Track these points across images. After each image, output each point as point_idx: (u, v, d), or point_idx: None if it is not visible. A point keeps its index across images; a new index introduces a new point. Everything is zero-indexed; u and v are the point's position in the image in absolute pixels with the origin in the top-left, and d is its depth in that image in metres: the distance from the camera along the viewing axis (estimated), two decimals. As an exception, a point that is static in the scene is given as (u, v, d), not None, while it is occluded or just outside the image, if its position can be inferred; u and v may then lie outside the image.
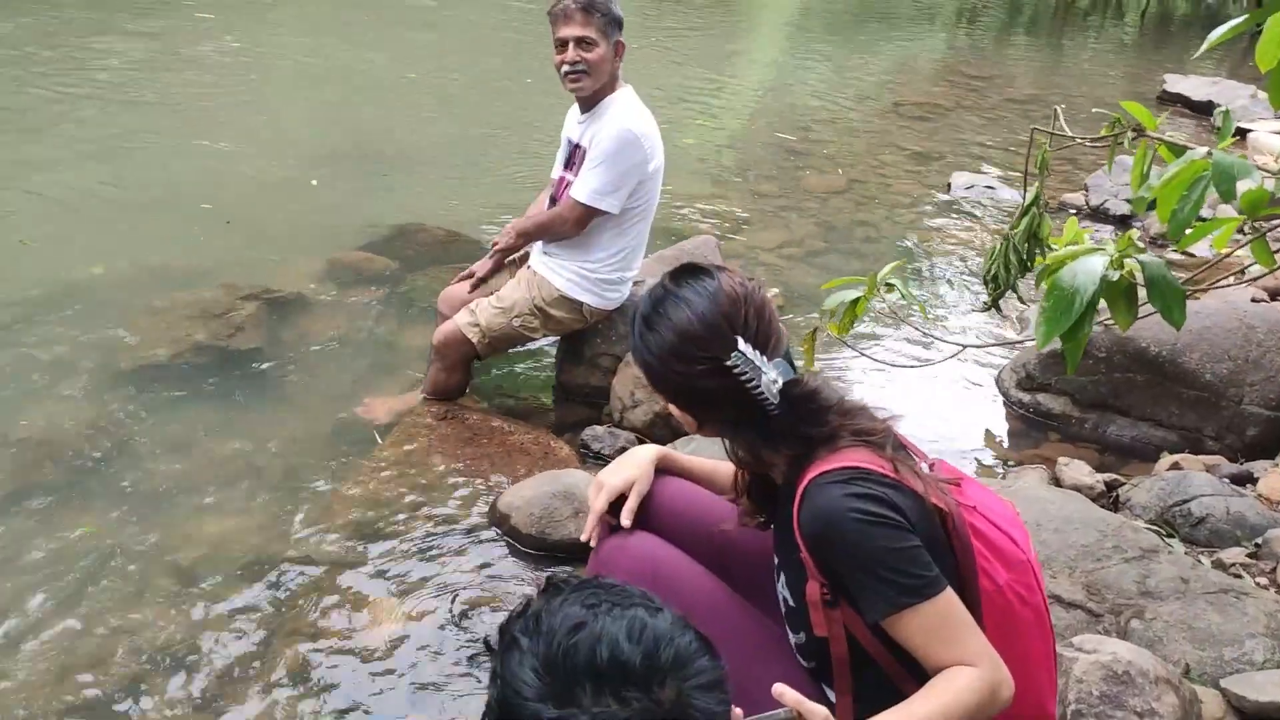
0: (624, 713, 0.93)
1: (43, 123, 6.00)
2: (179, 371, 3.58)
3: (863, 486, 1.44)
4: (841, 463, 1.48)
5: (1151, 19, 15.63)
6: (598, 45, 3.14)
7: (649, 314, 1.62)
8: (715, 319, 1.56)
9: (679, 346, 1.57)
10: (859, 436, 1.52)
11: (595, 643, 0.95)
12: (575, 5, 3.12)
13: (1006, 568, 1.50)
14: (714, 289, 1.59)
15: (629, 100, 3.26)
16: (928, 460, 1.59)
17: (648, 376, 1.69)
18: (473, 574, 2.71)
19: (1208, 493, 2.94)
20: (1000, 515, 1.56)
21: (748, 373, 1.54)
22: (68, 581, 2.59)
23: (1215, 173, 2.12)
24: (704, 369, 1.56)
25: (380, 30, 9.38)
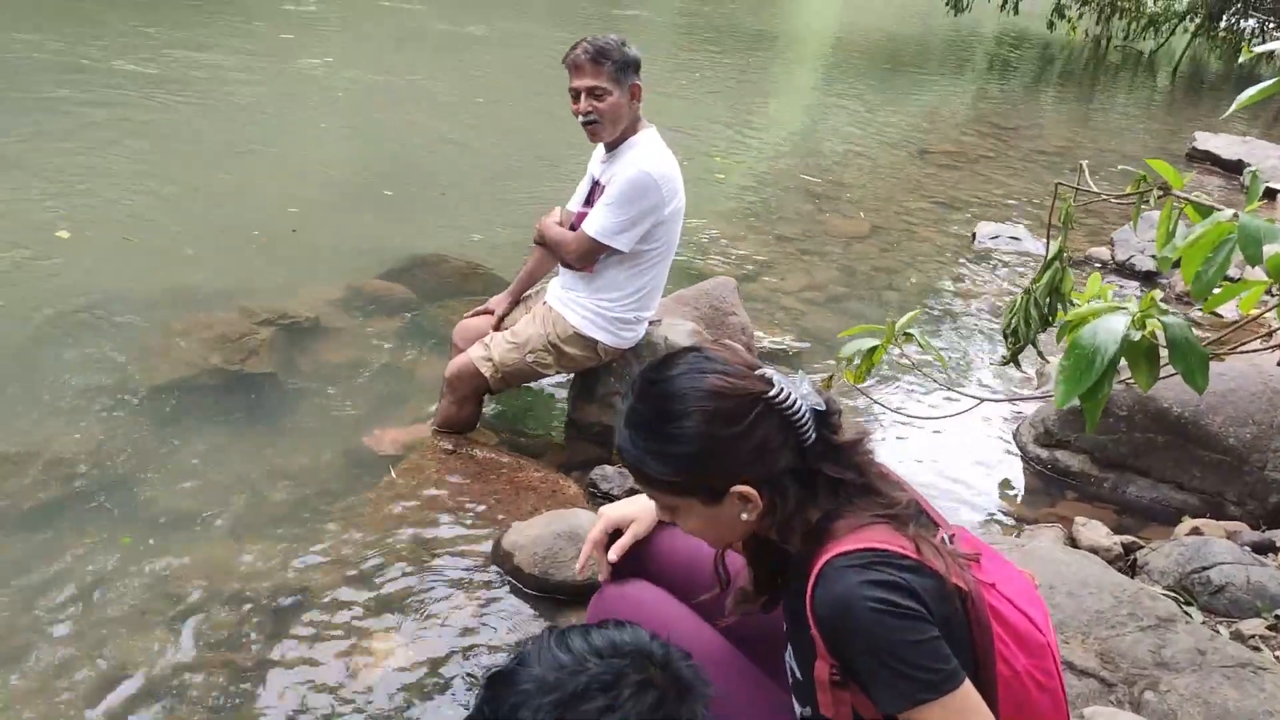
0: None
1: (83, 138, 6.07)
2: (191, 394, 3.57)
3: (882, 573, 1.36)
4: (861, 543, 1.40)
5: (1183, 76, 15.62)
6: (610, 94, 3.14)
7: (657, 414, 1.47)
8: (733, 366, 1.49)
9: (721, 409, 1.44)
10: (882, 510, 1.46)
11: None
12: (585, 56, 3.12)
13: (1025, 652, 1.44)
14: (696, 353, 1.52)
15: (650, 142, 3.25)
16: (949, 529, 1.52)
17: (686, 472, 1.47)
18: (473, 611, 2.67)
19: (1228, 560, 2.87)
20: (1019, 593, 1.49)
21: (790, 395, 1.46)
22: (63, 601, 2.57)
23: (1242, 236, 2.08)
24: (755, 415, 1.44)
25: (429, 59, 9.49)
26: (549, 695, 1.15)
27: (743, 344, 4.06)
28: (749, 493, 1.46)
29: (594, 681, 1.16)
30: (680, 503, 1.52)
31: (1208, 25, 16.80)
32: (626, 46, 3.18)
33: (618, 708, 1.15)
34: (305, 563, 2.79)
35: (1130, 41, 17.70)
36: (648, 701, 1.16)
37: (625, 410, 1.52)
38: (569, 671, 1.17)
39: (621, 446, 1.53)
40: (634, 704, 1.15)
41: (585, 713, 1.13)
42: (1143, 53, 17.30)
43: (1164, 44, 17.29)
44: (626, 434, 1.51)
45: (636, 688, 1.17)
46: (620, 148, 3.25)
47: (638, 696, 1.16)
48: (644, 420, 1.49)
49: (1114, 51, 17.38)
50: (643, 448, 1.49)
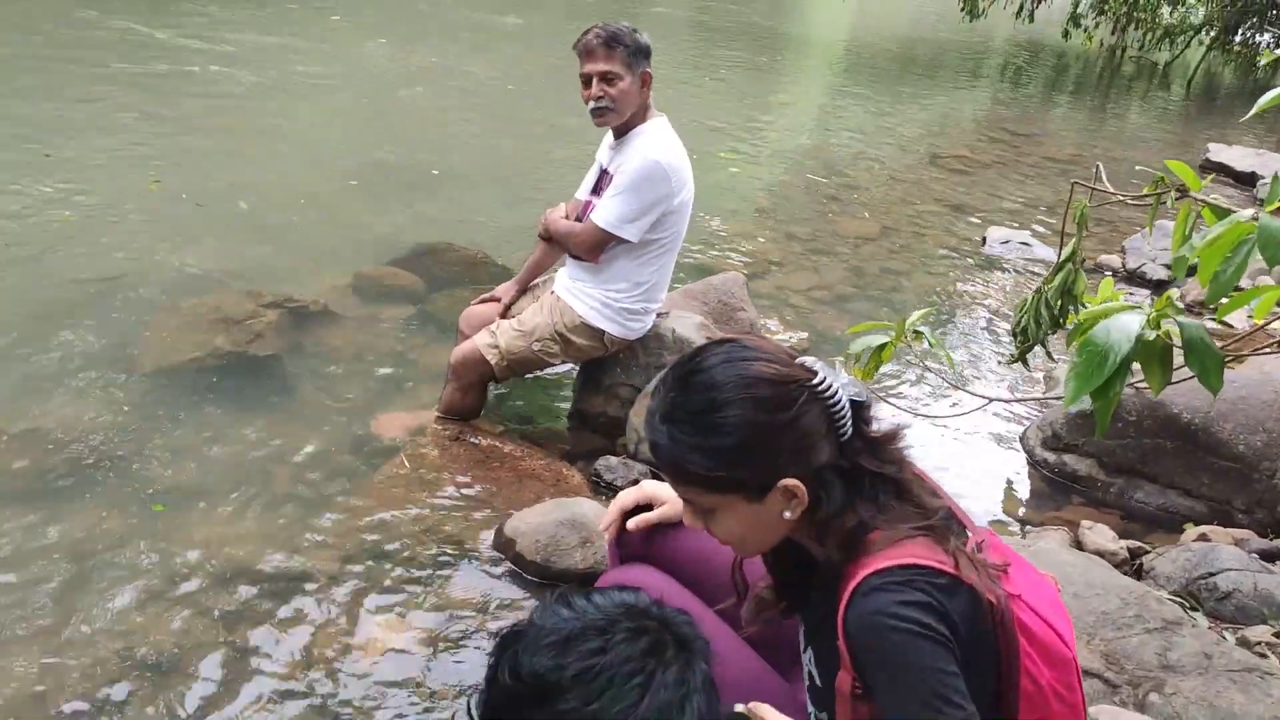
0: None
1: (101, 116, 6.07)
2: (196, 375, 3.56)
3: (918, 594, 1.32)
4: (899, 559, 1.36)
5: (1197, 89, 15.57)
6: (622, 79, 3.12)
7: (700, 405, 1.40)
8: (774, 353, 1.44)
9: (768, 396, 1.39)
10: (920, 520, 1.41)
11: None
12: (598, 40, 3.11)
13: (1049, 666, 1.41)
14: (733, 343, 1.46)
15: (660, 130, 3.24)
16: (978, 535, 1.48)
17: (732, 464, 1.40)
18: (474, 599, 2.65)
19: (1235, 567, 2.84)
20: (1047, 604, 1.46)
21: (831, 384, 1.41)
22: (66, 580, 2.56)
23: (1262, 236, 2.05)
24: (801, 403, 1.39)
25: (464, 48, 9.48)
26: (548, 638, 1.20)
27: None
28: (796, 486, 1.40)
29: (589, 626, 1.21)
30: (721, 501, 1.44)
31: (1223, 39, 16.74)
32: (638, 34, 3.17)
33: (609, 649, 1.19)
34: (307, 546, 2.78)
35: (1145, 52, 17.66)
36: (640, 646, 1.21)
37: (659, 405, 1.45)
38: (567, 619, 1.23)
39: (657, 443, 1.44)
40: (625, 646, 1.19)
41: (579, 652, 1.18)
42: (1157, 64, 17.26)
43: (1179, 56, 17.24)
44: (664, 429, 1.43)
45: (629, 633, 1.22)
46: (629, 135, 3.23)
47: (630, 641, 1.20)
48: (683, 412, 1.41)
49: (1129, 62, 17.34)
50: (683, 442, 1.41)
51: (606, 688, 1.17)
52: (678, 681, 1.20)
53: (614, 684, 1.17)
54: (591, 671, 1.17)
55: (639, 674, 1.18)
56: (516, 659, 1.22)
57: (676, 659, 1.22)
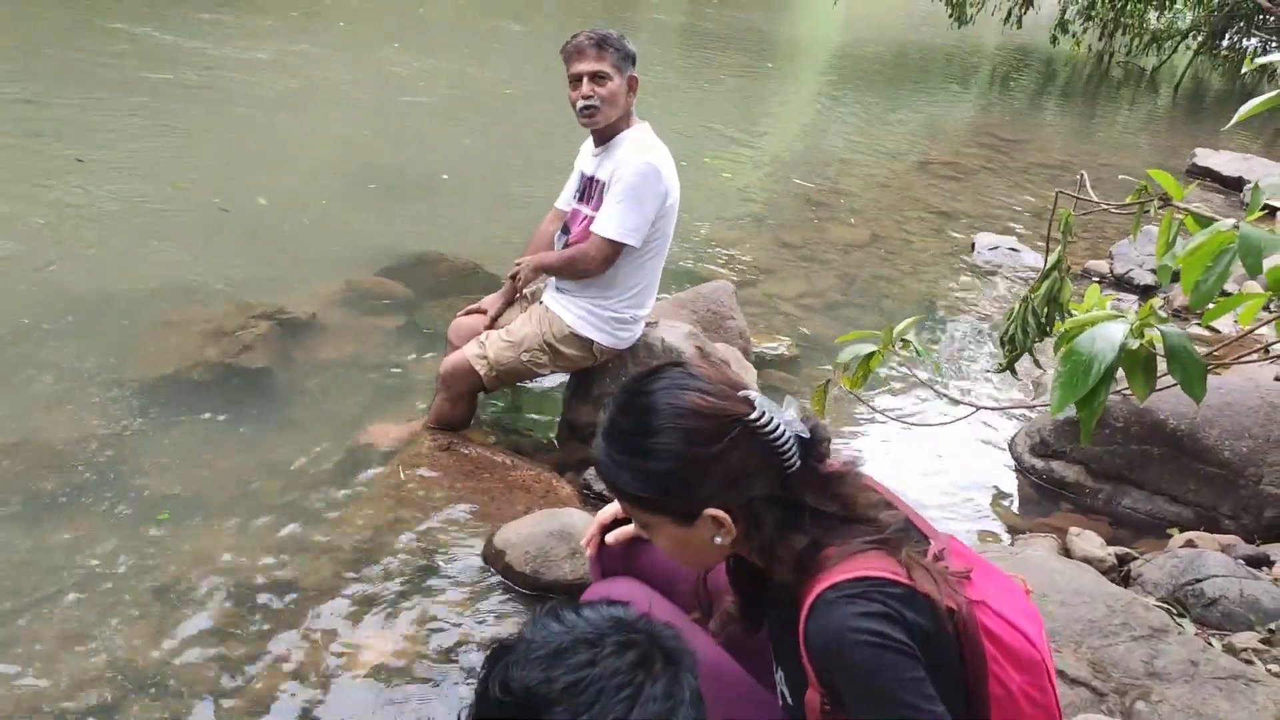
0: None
1: (91, 124, 6.06)
2: (185, 387, 3.56)
3: (874, 604, 1.34)
4: (853, 572, 1.38)
5: (1185, 94, 15.65)
6: (611, 79, 3.14)
7: (634, 428, 1.45)
8: (715, 385, 1.45)
9: (698, 428, 1.42)
10: (873, 533, 1.43)
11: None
12: (588, 41, 3.14)
13: (1019, 670, 1.42)
14: (680, 369, 1.48)
15: (645, 134, 3.25)
16: (940, 543, 1.49)
17: (659, 489, 1.44)
18: (463, 610, 2.66)
19: (1222, 574, 2.86)
20: (1013, 608, 1.47)
21: (772, 420, 1.43)
22: (55, 593, 2.55)
23: (1242, 245, 2.07)
24: (733, 437, 1.41)
25: (462, 53, 9.49)
26: (537, 653, 1.22)
27: (740, 348, 4.05)
28: (721, 517, 1.44)
29: (579, 639, 1.22)
30: (652, 520, 1.50)
31: (1210, 44, 16.83)
32: (625, 39, 3.19)
33: (598, 661, 1.20)
34: (296, 558, 2.78)
35: (1133, 58, 17.74)
36: (628, 659, 1.21)
37: (604, 420, 1.50)
38: (556, 633, 1.24)
39: (597, 457, 1.51)
40: (614, 659, 1.20)
41: (569, 665, 1.19)
42: (1145, 69, 17.34)
43: (1166, 61, 17.32)
44: (603, 445, 1.49)
45: (618, 646, 1.22)
46: (615, 141, 3.25)
47: (618, 653, 1.21)
48: (620, 433, 1.47)
49: (1116, 67, 17.43)
50: (616, 461, 1.47)
51: (595, 700, 1.18)
52: (665, 694, 1.21)
53: (602, 696, 1.18)
54: (580, 684, 1.19)
55: (627, 686, 1.19)
56: (506, 672, 1.23)
57: (664, 672, 1.23)
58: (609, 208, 3.19)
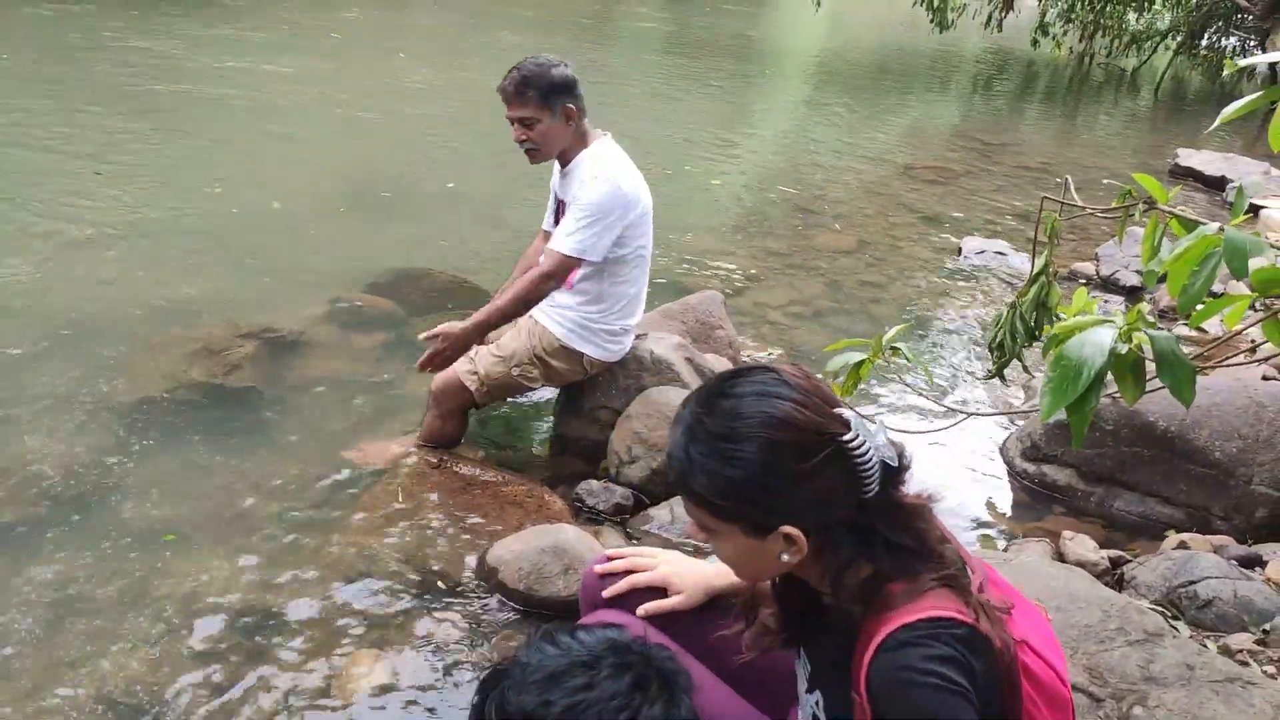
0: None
1: (76, 143, 6.04)
2: (173, 409, 3.54)
3: (944, 648, 1.30)
4: (923, 611, 1.33)
5: (1165, 94, 15.75)
6: (539, 121, 3.15)
7: (720, 431, 1.35)
8: (811, 397, 1.36)
9: (789, 441, 1.33)
10: (938, 572, 1.37)
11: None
12: (511, 87, 3.14)
13: (1050, 708, 1.40)
14: (773, 374, 1.39)
15: (603, 152, 3.25)
16: (979, 574, 1.45)
17: (737, 498, 1.36)
18: (457, 628, 2.64)
19: (1215, 575, 2.86)
20: (1045, 643, 1.45)
21: (865, 443, 1.34)
22: (40, 620, 2.53)
23: (1227, 250, 2.08)
24: (824, 456, 1.33)
25: (456, 64, 9.48)
26: (534, 676, 1.22)
27: (729, 358, 4.05)
28: (796, 535, 1.36)
29: (575, 662, 1.22)
30: (720, 526, 1.41)
31: (1189, 44, 16.95)
32: (555, 70, 3.16)
33: (595, 684, 1.20)
34: (288, 579, 2.76)
35: (1113, 59, 17.84)
36: (625, 681, 1.21)
37: (686, 415, 1.41)
38: (553, 656, 1.24)
39: (672, 451, 1.41)
40: (611, 682, 1.20)
41: (566, 689, 1.20)
42: (1125, 70, 17.44)
43: (1146, 62, 17.43)
44: (681, 440, 1.39)
45: (614, 668, 1.22)
46: (572, 164, 3.26)
47: (615, 676, 1.21)
48: (705, 432, 1.37)
49: (1097, 69, 17.52)
50: (695, 461, 1.37)
51: None
52: (663, 716, 1.21)
53: (601, 719, 1.18)
54: (578, 707, 1.19)
55: (625, 709, 1.19)
56: (503, 697, 1.23)
57: (661, 694, 1.23)
58: (567, 224, 3.18)
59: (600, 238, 3.17)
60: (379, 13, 12.90)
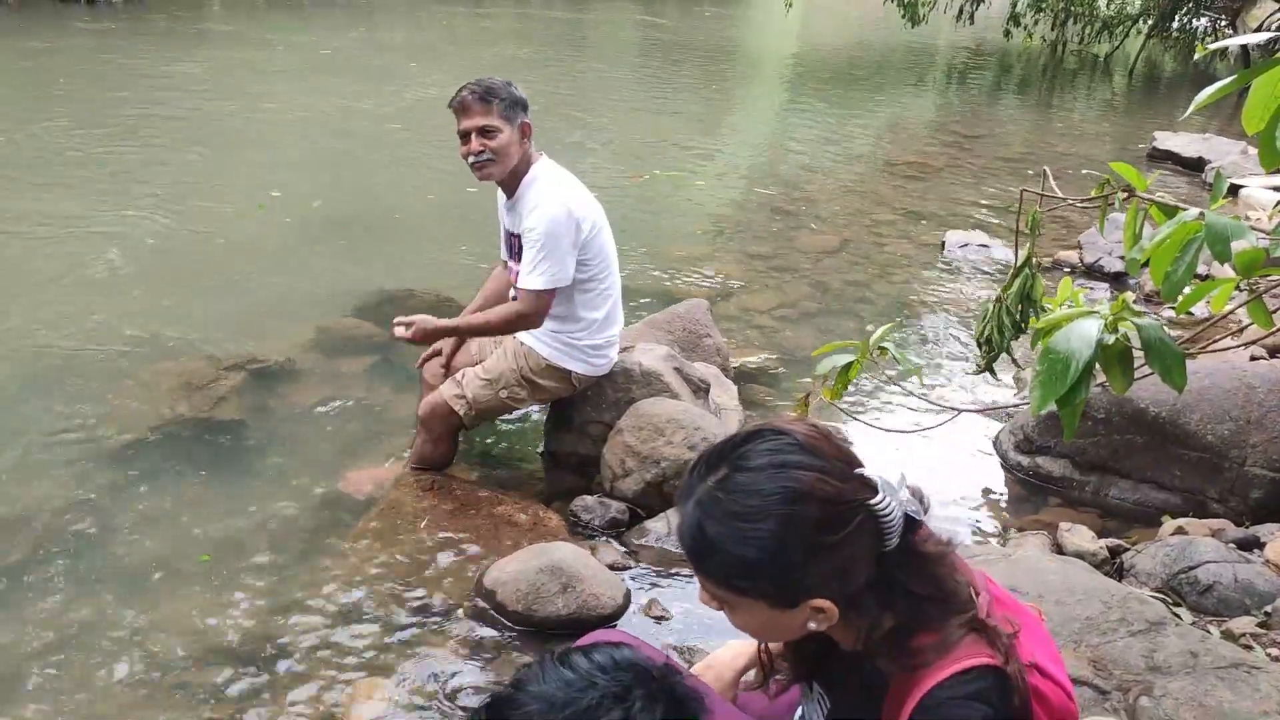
0: None
1: (47, 173, 6.00)
2: (160, 445, 3.51)
3: (990, 707, 1.27)
4: (959, 664, 1.29)
5: (1139, 78, 15.82)
6: (501, 131, 3.09)
7: (738, 510, 1.26)
8: (833, 463, 1.29)
9: (815, 517, 1.25)
10: (963, 619, 1.33)
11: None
12: (472, 96, 3.10)
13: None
14: (787, 440, 1.30)
15: (546, 174, 3.20)
16: (983, 594, 1.42)
17: (759, 578, 1.27)
18: (458, 652, 2.62)
19: (1214, 559, 2.86)
20: (1049, 657, 1.43)
21: (890, 503, 1.27)
22: (34, 661, 2.50)
23: (1209, 235, 2.07)
24: (856, 524, 1.26)
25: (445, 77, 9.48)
26: (562, 712, 1.15)
27: (719, 365, 4.03)
28: (827, 608, 1.29)
29: (606, 696, 1.17)
30: (739, 602, 1.33)
31: (1161, 26, 17.01)
32: (513, 86, 3.15)
33: (602, 707, 1.15)
34: (284, 611, 2.74)
35: (1086, 46, 17.91)
36: (657, 713, 1.17)
37: (697, 487, 1.31)
38: (578, 688, 1.18)
39: (684, 528, 1.32)
40: (645, 715, 1.16)
41: (570, 714, 1.14)
42: (1098, 56, 17.51)
43: (1119, 47, 17.51)
44: (694, 517, 1.30)
45: (645, 700, 1.17)
46: (518, 191, 3.20)
47: (648, 709, 1.17)
48: (720, 512, 1.27)
49: (1070, 57, 17.59)
50: (710, 539, 1.28)
51: None
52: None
53: None
54: None
55: None
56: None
57: (673, 714, 1.20)
58: (528, 259, 3.14)
59: (562, 263, 3.13)
60: (357, 32, 12.89)
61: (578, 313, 3.26)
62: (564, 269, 3.15)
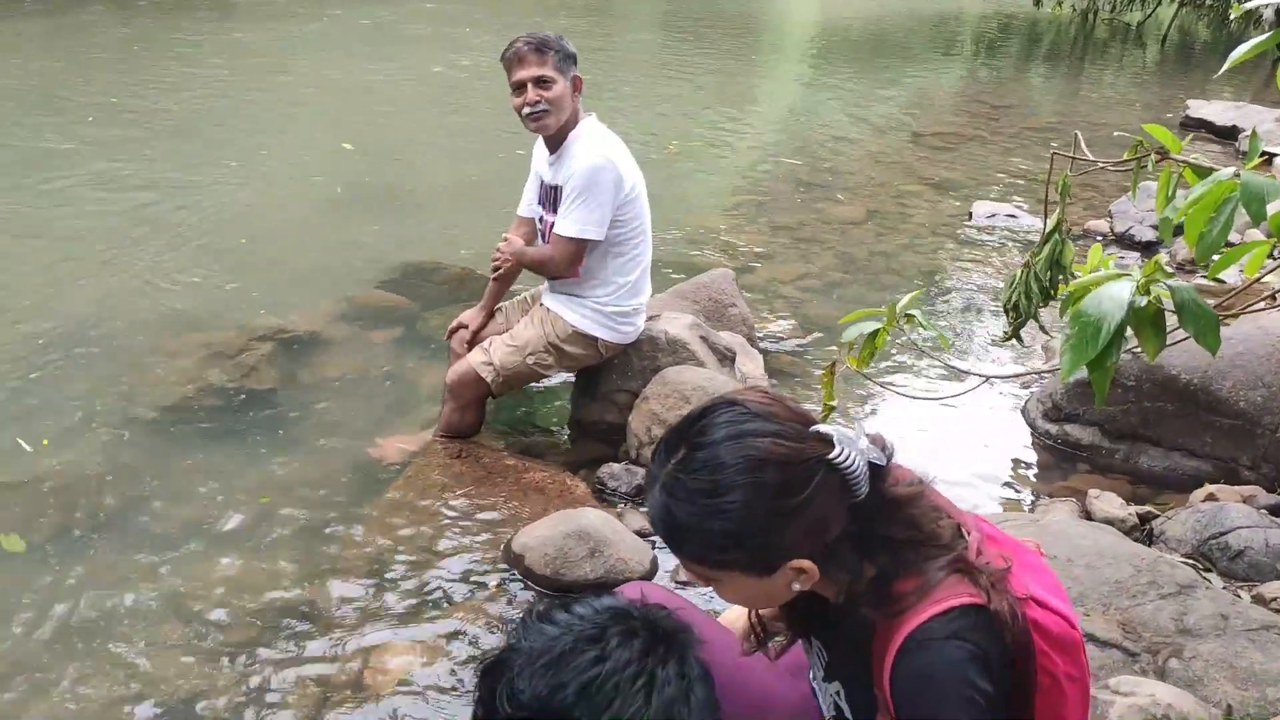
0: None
1: (81, 152, 6.06)
2: (192, 414, 3.55)
3: (965, 645, 1.28)
4: (939, 604, 1.30)
5: (1172, 46, 15.57)
6: (556, 82, 3.12)
7: (701, 487, 1.29)
8: (786, 424, 1.31)
9: (777, 480, 1.27)
10: (945, 558, 1.34)
11: None
12: (528, 47, 3.11)
13: (1061, 654, 1.38)
14: (739, 409, 1.32)
15: (593, 131, 3.23)
16: (976, 534, 1.42)
17: (734, 549, 1.30)
18: (486, 616, 2.65)
19: (1245, 525, 2.84)
20: (1047, 588, 1.43)
21: (851, 455, 1.29)
22: (77, 623, 2.55)
23: (1244, 193, 2.05)
24: (817, 482, 1.28)
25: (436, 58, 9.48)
26: (541, 659, 1.18)
27: (744, 334, 4.03)
28: (807, 566, 1.32)
29: (581, 638, 1.19)
30: (721, 575, 1.36)
31: (1193, -7, 16.74)
32: (564, 40, 3.17)
33: (607, 656, 1.17)
34: (316, 577, 2.77)
35: (1117, 14, 17.65)
36: (635, 647, 1.19)
37: (660, 473, 1.34)
38: (556, 636, 1.21)
39: (655, 514, 1.35)
40: (621, 651, 1.18)
41: (577, 666, 1.17)
42: (1130, 25, 17.24)
43: (1150, 15, 17.23)
44: (662, 502, 1.32)
45: (621, 636, 1.20)
46: (564, 145, 3.22)
47: (624, 644, 1.19)
48: (684, 491, 1.30)
49: (1101, 25, 17.33)
50: (681, 521, 1.31)
51: (613, 695, 1.16)
52: (679, 674, 1.20)
53: (619, 690, 1.16)
54: (594, 683, 1.16)
55: (641, 675, 1.18)
56: (512, 686, 1.19)
57: (670, 653, 1.21)
58: (565, 207, 3.18)
59: (600, 213, 3.15)
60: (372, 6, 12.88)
61: (609, 276, 3.27)
62: (600, 220, 3.16)
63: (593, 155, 3.13)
